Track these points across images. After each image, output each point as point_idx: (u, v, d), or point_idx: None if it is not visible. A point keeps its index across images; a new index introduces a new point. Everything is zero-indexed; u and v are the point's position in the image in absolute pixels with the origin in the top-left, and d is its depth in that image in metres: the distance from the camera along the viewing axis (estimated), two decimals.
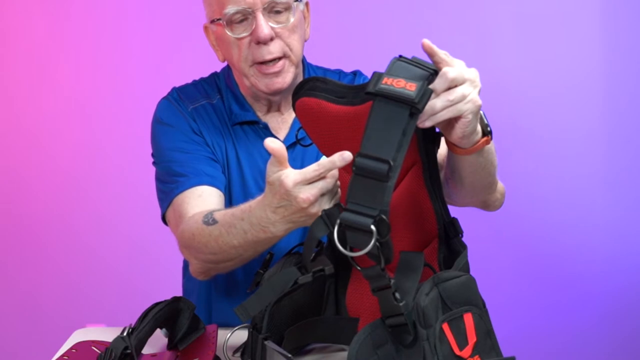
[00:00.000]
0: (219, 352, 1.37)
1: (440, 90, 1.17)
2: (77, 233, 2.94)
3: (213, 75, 1.74)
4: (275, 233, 1.30)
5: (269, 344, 1.24)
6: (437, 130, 1.25)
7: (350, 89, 1.22)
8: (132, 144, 2.78)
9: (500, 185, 1.53)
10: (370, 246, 1.05)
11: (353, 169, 1.08)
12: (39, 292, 2.98)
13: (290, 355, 1.19)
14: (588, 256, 2.84)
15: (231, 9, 1.54)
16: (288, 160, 1.25)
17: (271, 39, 1.55)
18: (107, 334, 1.43)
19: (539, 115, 2.81)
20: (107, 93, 2.92)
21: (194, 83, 1.73)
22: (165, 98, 1.70)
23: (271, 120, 1.68)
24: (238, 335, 1.38)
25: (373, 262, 1.07)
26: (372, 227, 1.04)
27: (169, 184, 1.60)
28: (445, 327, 1.10)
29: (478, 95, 1.21)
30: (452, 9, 2.82)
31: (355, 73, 1.75)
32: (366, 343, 1.09)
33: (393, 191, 1.08)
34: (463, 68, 1.19)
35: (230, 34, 1.56)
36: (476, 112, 1.21)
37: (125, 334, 1.30)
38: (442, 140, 1.28)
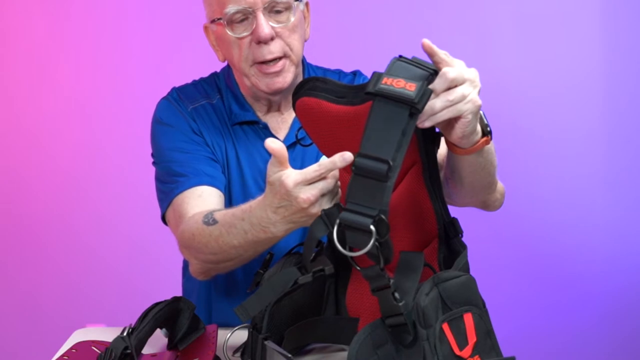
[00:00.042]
0: (219, 352, 1.37)
1: (440, 90, 1.17)
2: (77, 233, 2.94)
3: (213, 75, 1.74)
4: (275, 233, 1.30)
5: (269, 344, 1.24)
6: (437, 130, 1.25)
7: (350, 89, 1.22)
8: (132, 144, 2.78)
9: (500, 185, 1.53)
10: (369, 246, 1.05)
11: (352, 169, 1.08)
12: (39, 292, 2.97)
13: (290, 355, 1.19)
14: (588, 256, 2.84)
15: (232, 9, 1.54)
16: (288, 160, 1.25)
17: (272, 39, 1.55)
18: (107, 334, 1.43)
19: (539, 115, 2.81)
20: (107, 93, 2.92)
21: (194, 83, 1.73)
22: (165, 98, 1.70)
23: (271, 120, 1.68)
24: (238, 335, 1.38)
25: (373, 262, 1.07)
26: (372, 227, 1.04)
27: (169, 184, 1.60)
28: (445, 327, 1.10)
29: (478, 95, 1.21)
30: (452, 9, 2.82)
31: (355, 73, 1.75)
32: (366, 343, 1.09)
33: (393, 191, 1.08)
34: (463, 68, 1.19)
35: (230, 34, 1.56)
36: (476, 112, 1.21)
37: (125, 334, 1.30)
38: (442, 140, 1.28)
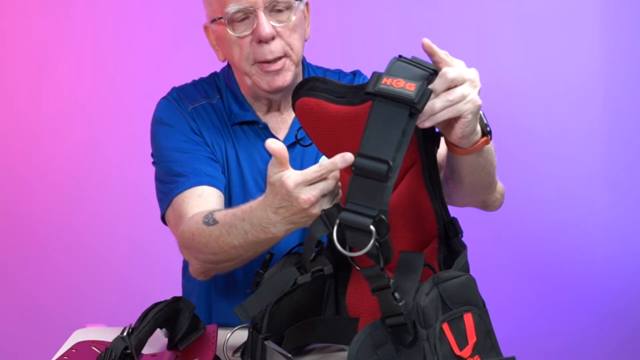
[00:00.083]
0: (219, 352, 1.37)
1: (439, 90, 1.17)
2: (77, 233, 2.94)
3: (213, 75, 1.74)
4: (275, 234, 1.30)
5: (269, 344, 1.23)
6: (437, 130, 1.25)
7: (349, 89, 1.22)
8: (132, 144, 2.77)
9: (499, 185, 1.53)
10: (369, 246, 1.05)
11: (352, 169, 1.08)
12: (39, 292, 2.97)
13: (290, 355, 1.19)
14: (588, 256, 2.84)
15: (232, 8, 1.54)
16: (289, 160, 1.25)
17: (272, 38, 1.55)
18: (107, 334, 1.43)
19: (539, 115, 2.81)
20: (107, 93, 2.92)
21: (194, 83, 1.73)
22: (164, 98, 1.70)
23: (271, 120, 1.68)
24: (238, 335, 1.38)
25: (372, 262, 1.07)
26: (372, 227, 1.04)
27: (169, 184, 1.60)
28: (445, 327, 1.10)
29: (478, 95, 1.21)
30: (452, 9, 2.82)
31: (354, 73, 1.75)
32: (366, 343, 1.09)
33: (392, 191, 1.08)
34: (463, 68, 1.19)
35: (231, 33, 1.56)
36: (476, 112, 1.21)
37: (125, 334, 1.30)
38: (442, 140, 1.28)
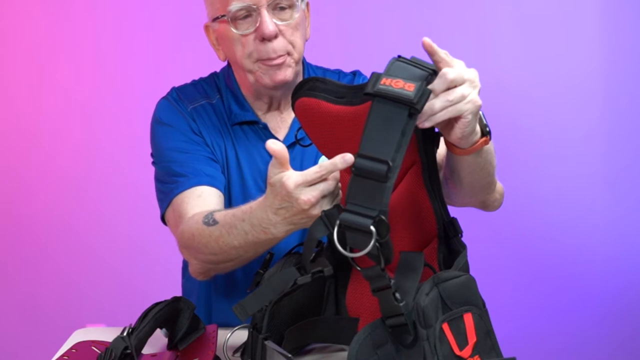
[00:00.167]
0: (219, 352, 1.37)
1: (439, 90, 1.16)
2: (77, 233, 2.94)
3: (212, 75, 1.74)
4: (276, 234, 1.30)
5: (269, 344, 1.23)
6: (437, 130, 1.25)
7: (349, 89, 1.22)
8: (132, 144, 2.77)
9: (499, 185, 1.53)
10: (369, 247, 1.05)
11: (352, 170, 1.08)
12: (39, 292, 2.97)
13: (290, 355, 1.19)
14: (588, 256, 2.84)
15: (235, 6, 1.54)
16: (289, 161, 1.25)
17: (275, 36, 1.55)
18: (107, 334, 1.43)
19: (539, 115, 2.81)
20: (107, 93, 2.92)
21: (194, 83, 1.73)
22: (164, 98, 1.70)
23: (271, 120, 1.68)
24: (238, 335, 1.38)
25: (373, 263, 1.07)
26: (372, 228, 1.04)
27: (169, 184, 1.60)
28: (445, 327, 1.10)
29: (478, 95, 1.21)
30: (452, 9, 2.82)
31: (354, 73, 1.75)
32: (366, 343, 1.09)
33: (392, 191, 1.08)
34: (462, 68, 1.19)
35: (234, 31, 1.56)
36: (476, 113, 1.21)
37: (125, 334, 1.30)
38: (442, 140, 1.28)
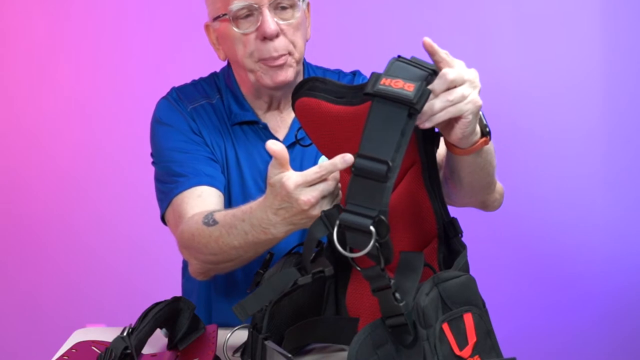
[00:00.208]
0: (219, 352, 1.37)
1: (439, 91, 1.16)
2: (77, 233, 2.94)
3: (212, 75, 1.74)
4: (275, 235, 1.31)
5: (269, 344, 1.23)
6: (437, 130, 1.25)
7: (349, 89, 1.22)
8: (132, 144, 2.77)
9: (499, 185, 1.53)
10: (369, 247, 1.05)
11: (352, 170, 1.08)
12: (39, 292, 2.97)
13: (290, 355, 1.19)
14: (588, 256, 2.84)
15: (237, 5, 1.54)
16: (289, 161, 1.25)
17: (277, 35, 1.55)
18: (107, 334, 1.43)
19: (539, 115, 2.81)
20: (107, 93, 2.91)
21: (193, 83, 1.73)
22: (164, 98, 1.70)
23: (271, 120, 1.68)
24: (238, 335, 1.38)
25: (373, 263, 1.07)
26: (371, 228, 1.04)
27: (169, 184, 1.60)
28: (445, 327, 1.10)
29: (478, 95, 1.21)
30: (452, 9, 2.82)
31: (354, 73, 1.75)
32: (366, 343, 1.09)
33: (392, 191, 1.08)
34: (463, 69, 1.19)
35: (235, 30, 1.56)
36: (476, 113, 1.21)
37: (125, 334, 1.30)
38: (442, 140, 1.28)
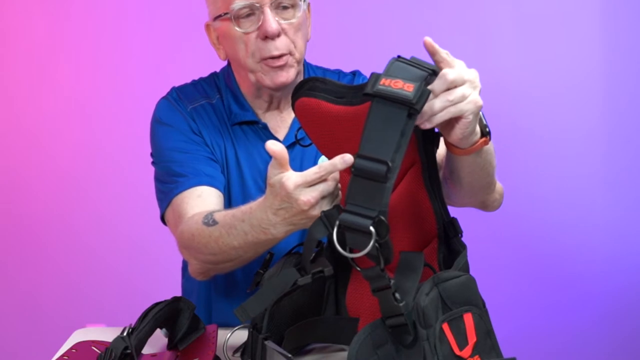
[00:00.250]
0: (219, 352, 1.37)
1: (439, 91, 1.16)
2: (77, 233, 2.94)
3: (212, 75, 1.74)
4: (275, 235, 1.30)
5: (269, 344, 1.23)
6: (437, 130, 1.25)
7: (349, 89, 1.21)
8: (132, 144, 2.77)
9: (498, 185, 1.53)
10: (369, 247, 1.05)
11: (352, 170, 1.08)
12: (39, 292, 2.97)
13: (290, 355, 1.19)
14: (588, 256, 2.84)
15: (239, 4, 1.54)
16: (289, 162, 1.25)
17: (278, 35, 1.55)
18: (107, 334, 1.43)
19: (539, 115, 2.81)
20: (107, 93, 2.92)
21: (193, 83, 1.73)
22: (164, 98, 1.70)
23: (270, 120, 1.68)
24: (238, 335, 1.38)
25: (373, 263, 1.07)
26: (371, 228, 1.04)
27: (168, 184, 1.60)
28: (445, 327, 1.10)
29: (478, 95, 1.21)
30: (452, 9, 2.82)
31: (354, 73, 1.75)
32: (366, 343, 1.09)
33: (392, 191, 1.08)
34: (463, 69, 1.19)
35: (237, 29, 1.56)
36: (477, 113, 1.21)
37: (125, 334, 1.30)
38: (442, 140, 1.28)
